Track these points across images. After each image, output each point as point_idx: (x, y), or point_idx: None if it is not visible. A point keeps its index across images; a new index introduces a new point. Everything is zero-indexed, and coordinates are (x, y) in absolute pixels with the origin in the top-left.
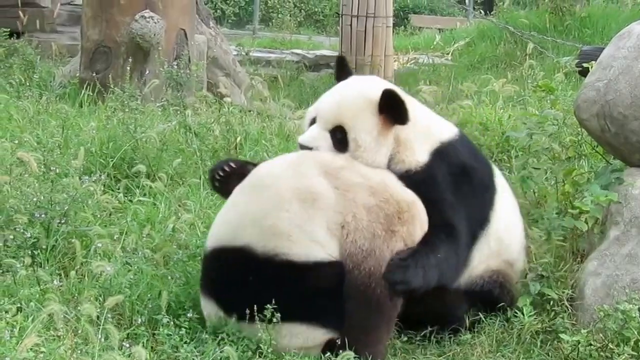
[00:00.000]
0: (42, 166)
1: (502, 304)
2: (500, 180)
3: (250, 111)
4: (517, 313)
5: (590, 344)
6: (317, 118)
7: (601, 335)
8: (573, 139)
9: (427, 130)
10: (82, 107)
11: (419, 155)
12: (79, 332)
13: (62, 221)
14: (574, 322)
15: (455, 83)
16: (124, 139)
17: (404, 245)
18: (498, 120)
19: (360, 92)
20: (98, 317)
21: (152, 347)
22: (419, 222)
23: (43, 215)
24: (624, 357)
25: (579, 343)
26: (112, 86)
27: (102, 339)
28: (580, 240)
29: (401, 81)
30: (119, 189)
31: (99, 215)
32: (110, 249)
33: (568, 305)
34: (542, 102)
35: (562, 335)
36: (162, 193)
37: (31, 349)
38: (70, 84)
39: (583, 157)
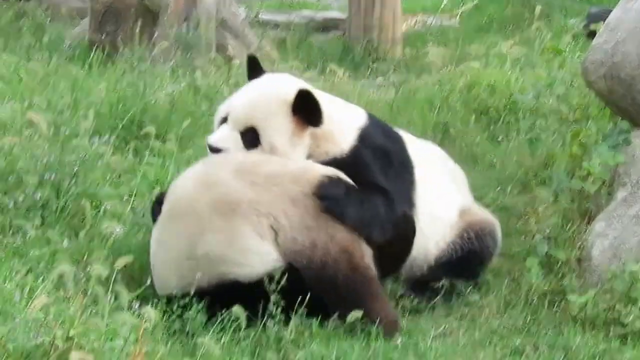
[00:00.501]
0: (52, 128)
1: (491, 250)
2: (412, 148)
3: None
4: (524, 274)
5: (598, 305)
6: (229, 118)
7: (608, 296)
8: (580, 101)
9: (343, 120)
10: (91, 69)
11: (342, 144)
12: (89, 292)
13: (72, 182)
14: (581, 283)
15: (463, 45)
16: (133, 100)
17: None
18: (506, 82)
19: (273, 92)
20: (107, 278)
21: (161, 308)
22: None
23: (53, 177)
24: (631, 317)
25: (587, 304)
26: (121, 48)
27: (112, 300)
28: (588, 202)
29: (409, 43)
30: (128, 150)
31: (108, 177)
32: (120, 210)
33: (575, 267)
34: (550, 64)
35: (569, 297)
36: (172, 154)
37: (41, 310)
38: (79, 46)
39: (591, 118)
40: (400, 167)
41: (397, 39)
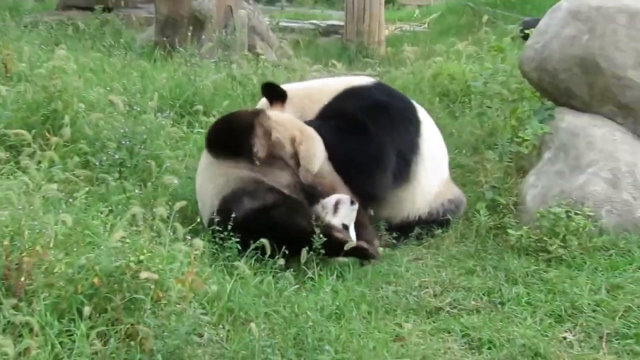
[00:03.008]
0: (127, 106)
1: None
2: (423, 115)
3: (279, 66)
4: (475, 214)
5: (530, 237)
6: None
7: (538, 230)
8: (517, 86)
9: (333, 87)
10: (156, 63)
11: (325, 100)
12: (154, 227)
13: (142, 147)
14: (517, 221)
15: (430, 45)
16: (186, 86)
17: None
18: (462, 72)
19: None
20: (168, 217)
21: (208, 240)
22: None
23: (128, 142)
24: (554, 246)
25: (522, 236)
26: (178, 47)
27: (171, 233)
28: (523, 161)
29: (390, 44)
30: (183, 123)
31: (168, 143)
32: (177, 167)
33: (513, 209)
34: (495, 59)
35: (509, 231)
36: None
37: (119, 241)
38: (147, 46)
39: (525, 99)
40: (400, 117)
41: (381, 41)
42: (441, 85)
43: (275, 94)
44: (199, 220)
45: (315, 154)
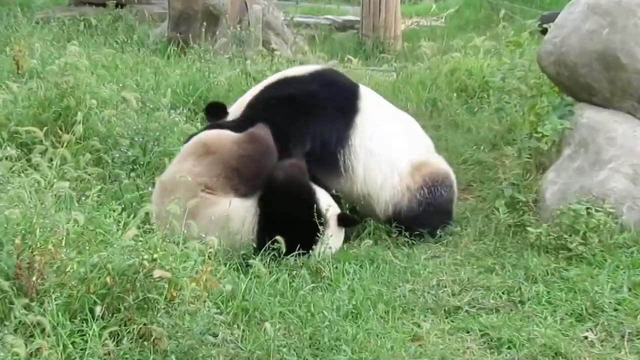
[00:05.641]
0: (140, 103)
1: (446, 196)
2: (367, 104)
3: (294, 61)
4: (494, 212)
5: (550, 235)
6: None
7: (557, 228)
8: (536, 81)
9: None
10: (169, 59)
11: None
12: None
13: (155, 144)
14: (537, 218)
15: (447, 40)
16: (200, 82)
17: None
18: (479, 68)
19: None
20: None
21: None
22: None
23: (141, 139)
24: (575, 244)
25: (541, 234)
26: (191, 43)
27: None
28: (542, 157)
29: (407, 39)
30: (197, 119)
31: (182, 139)
32: None
33: (533, 206)
34: (513, 54)
35: (528, 229)
36: None
37: (132, 239)
38: (160, 42)
39: (544, 94)
40: (328, 107)
41: (397, 36)
42: (459, 80)
43: (216, 113)
44: None
45: None
